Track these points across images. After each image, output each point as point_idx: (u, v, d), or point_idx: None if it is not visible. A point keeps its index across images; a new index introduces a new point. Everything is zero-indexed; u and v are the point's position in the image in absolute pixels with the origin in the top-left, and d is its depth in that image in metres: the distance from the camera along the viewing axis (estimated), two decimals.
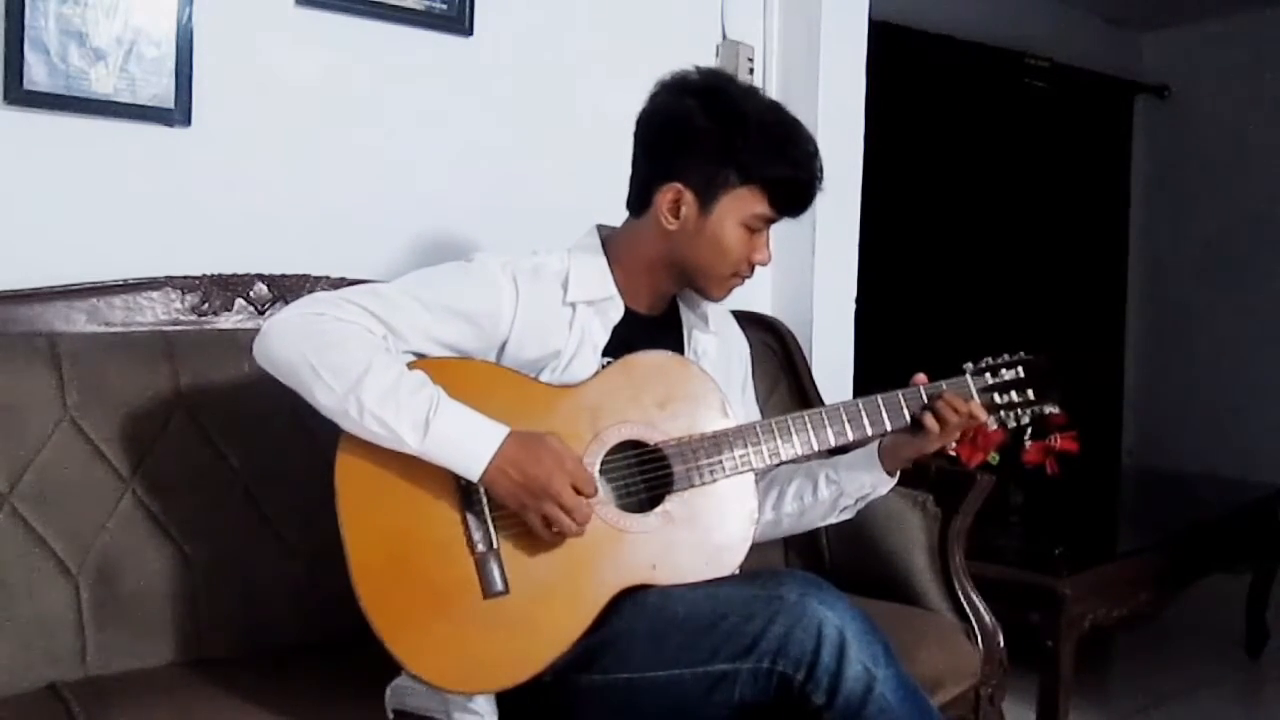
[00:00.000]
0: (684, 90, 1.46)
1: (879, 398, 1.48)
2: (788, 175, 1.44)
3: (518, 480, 1.28)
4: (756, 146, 1.41)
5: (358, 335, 1.31)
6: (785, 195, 1.45)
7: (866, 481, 1.56)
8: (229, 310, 1.76)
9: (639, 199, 1.49)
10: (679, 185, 1.43)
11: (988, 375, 1.53)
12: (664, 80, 1.48)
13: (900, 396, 1.48)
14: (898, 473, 1.57)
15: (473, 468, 1.28)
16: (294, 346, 1.30)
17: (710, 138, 1.42)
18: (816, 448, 1.45)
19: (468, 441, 1.28)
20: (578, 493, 1.29)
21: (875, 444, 1.56)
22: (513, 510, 1.30)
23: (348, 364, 1.28)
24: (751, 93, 1.52)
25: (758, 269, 1.51)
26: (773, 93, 2.45)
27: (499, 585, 1.30)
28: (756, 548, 1.46)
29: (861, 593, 1.77)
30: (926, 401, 1.48)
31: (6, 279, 1.60)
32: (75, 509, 1.51)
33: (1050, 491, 2.82)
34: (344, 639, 1.35)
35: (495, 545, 1.32)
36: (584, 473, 1.32)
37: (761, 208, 1.44)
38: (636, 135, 1.50)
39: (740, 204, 1.44)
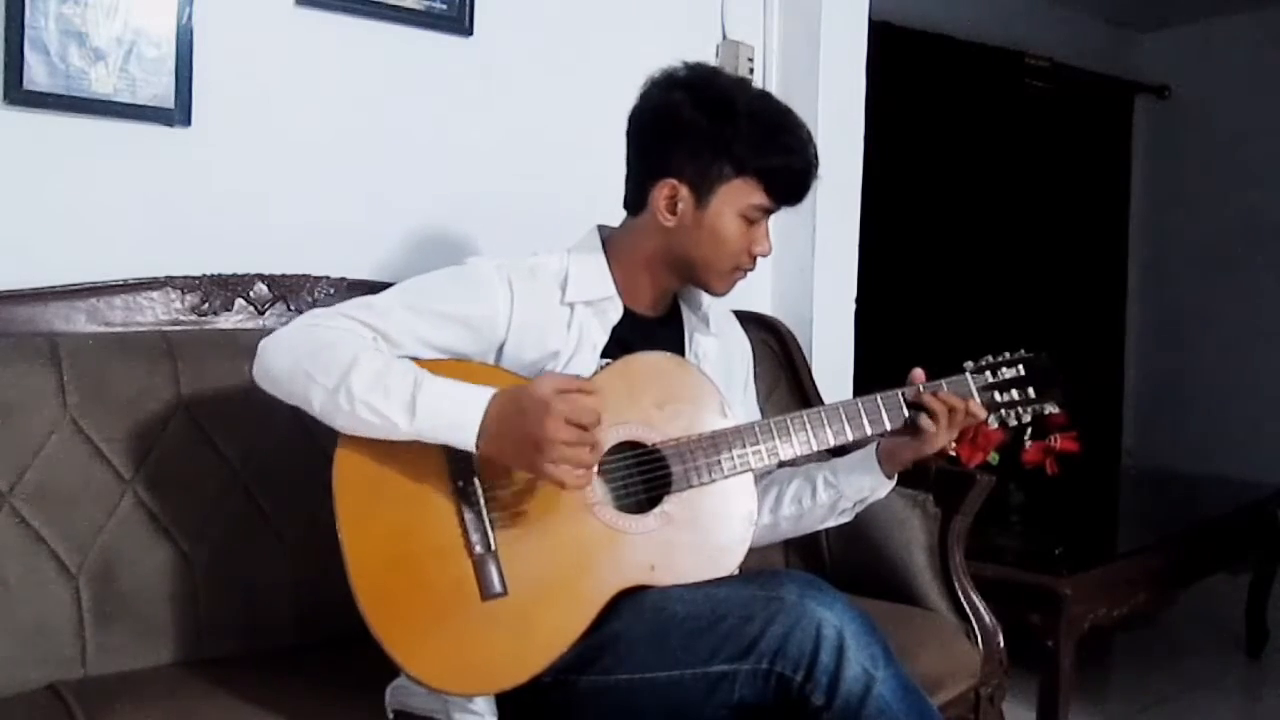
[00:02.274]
0: (672, 85, 1.45)
1: (878, 396, 1.48)
2: (782, 164, 1.43)
3: (514, 438, 1.24)
4: (749, 137, 1.41)
5: (348, 338, 1.32)
6: (781, 184, 1.44)
7: (865, 485, 1.56)
8: (229, 310, 1.76)
9: (635, 197, 1.49)
10: (674, 181, 1.43)
11: (988, 374, 1.52)
12: (652, 77, 1.48)
13: (900, 395, 1.48)
14: (896, 476, 1.57)
15: (466, 437, 1.25)
16: (288, 356, 1.32)
17: (701, 131, 1.41)
18: (815, 447, 1.45)
19: (455, 412, 1.26)
20: (575, 427, 1.23)
21: (873, 446, 1.55)
22: (524, 470, 1.27)
23: (336, 359, 1.28)
24: (741, 83, 1.52)
25: (760, 262, 1.50)
26: (773, 93, 2.45)
27: (497, 587, 1.30)
28: (756, 548, 1.46)
29: (861, 593, 1.77)
30: (924, 402, 1.47)
31: (6, 279, 1.60)
32: (75, 509, 1.51)
33: (1050, 491, 2.82)
34: (344, 639, 1.35)
35: (493, 547, 1.31)
36: (576, 402, 1.24)
37: (758, 198, 1.44)
38: (628, 133, 1.50)
39: (736, 195, 1.43)
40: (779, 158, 1.43)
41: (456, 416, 1.26)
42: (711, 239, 1.44)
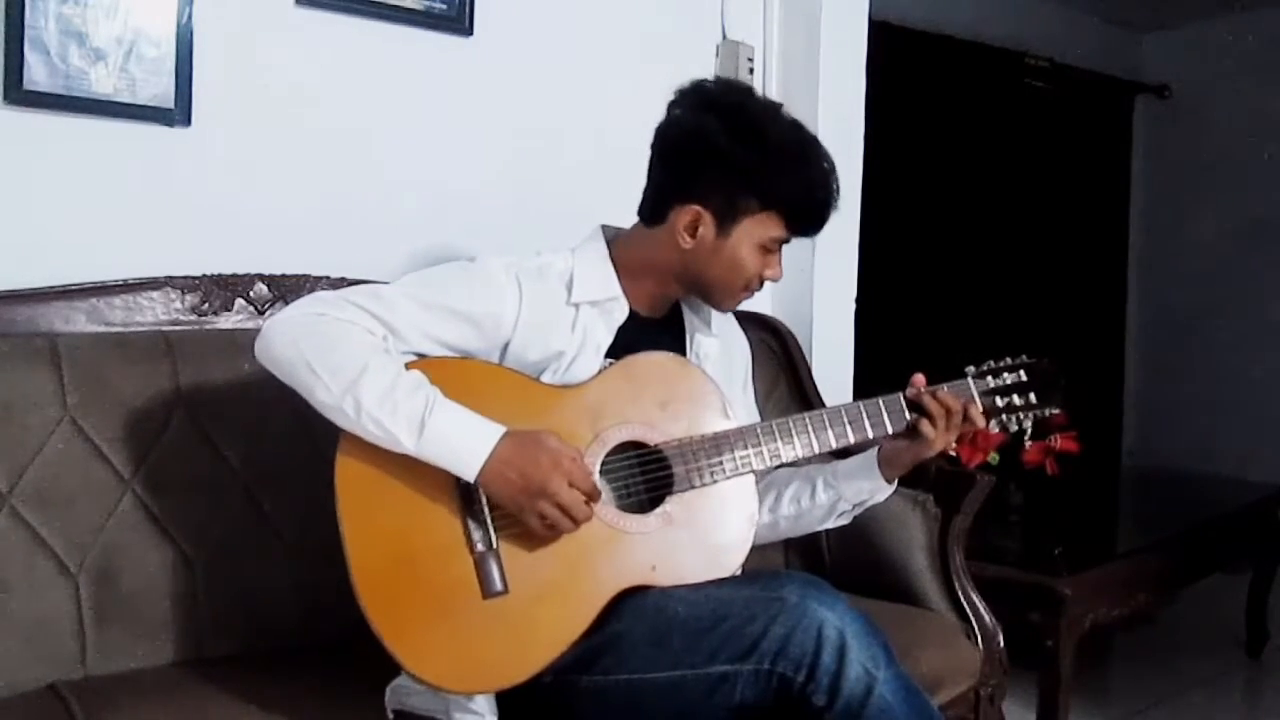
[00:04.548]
0: (705, 106, 1.45)
1: (879, 400, 1.48)
2: (807, 200, 1.44)
3: (515, 480, 1.27)
4: (780, 172, 1.41)
5: (357, 335, 1.31)
6: (804, 218, 1.46)
7: (865, 488, 1.56)
8: (229, 310, 1.76)
9: (654, 212, 1.48)
10: (698, 208, 1.43)
11: (989, 378, 1.51)
12: (683, 90, 1.47)
13: (901, 399, 1.48)
14: (896, 480, 1.57)
15: (468, 468, 1.27)
16: (294, 346, 1.31)
17: (733, 161, 1.41)
18: (817, 449, 1.45)
19: (463, 442, 1.28)
20: (576, 491, 1.29)
21: (874, 451, 1.55)
22: (510, 510, 1.30)
23: (346, 364, 1.28)
24: (773, 111, 1.49)
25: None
26: (772, 93, 2.45)
27: (498, 585, 1.30)
28: (756, 548, 1.46)
29: (861, 593, 1.77)
30: (921, 402, 1.47)
31: (6, 279, 1.60)
32: (75, 509, 1.51)
33: (1050, 491, 2.82)
34: (344, 639, 1.35)
35: (494, 545, 1.31)
36: (582, 470, 1.31)
37: (779, 231, 1.45)
38: (655, 147, 1.48)
39: (759, 227, 1.44)
40: (805, 194, 1.43)
41: (464, 448, 1.27)
42: (728, 265, 1.45)
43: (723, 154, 1.41)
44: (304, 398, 1.31)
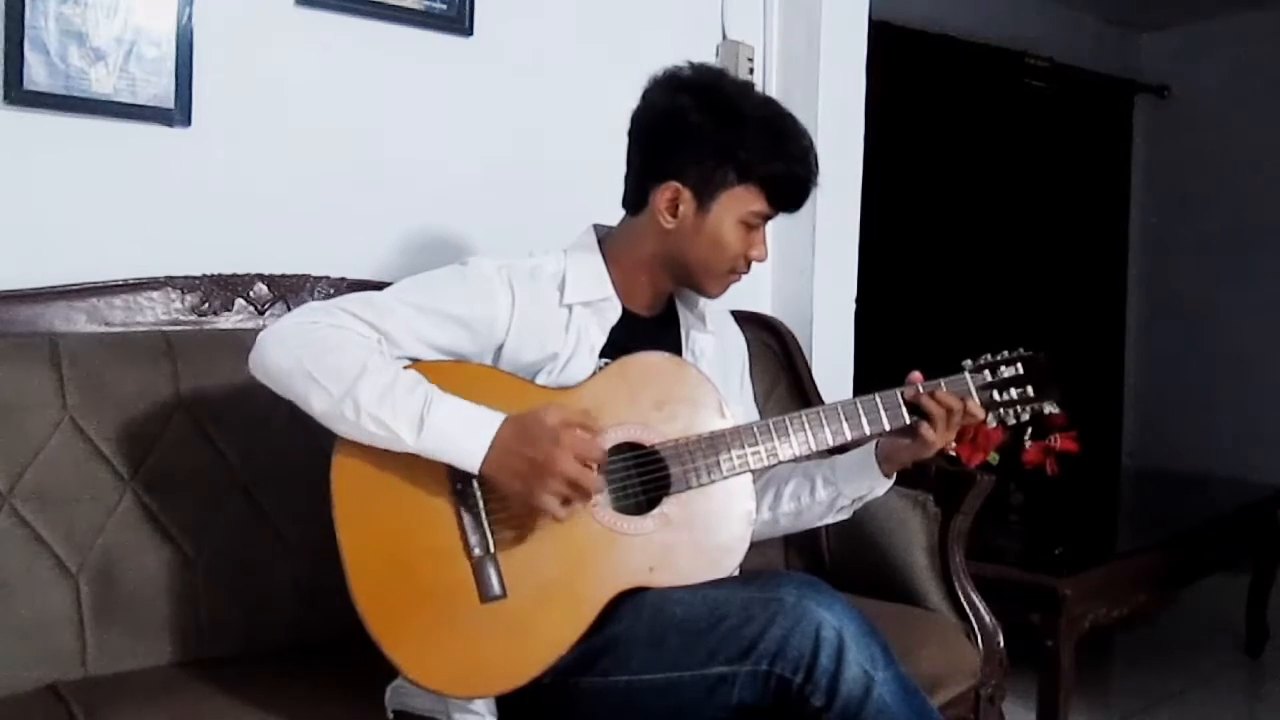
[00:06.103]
0: (678, 87, 1.45)
1: (876, 397, 1.47)
2: (785, 172, 1.44)
3: (518, 466, 1.26)
4: (754, 144, 1.41)
5: (353, 340, 1.31)
6: (783, 192, 1.45)
7: (864, 484, 1.56)
8: (229, 310, 1.76)
9: (635, 198, 1.49)
10: (676, 184, 1.43)
11: (986, 373, 1.51)
12: (656, 77, 1.48)
13: (898, 395, 1.47)
14: (895, 475, 1.57)
15: (471, 460, 1.27)
16: (290, 355, 1.30)
17: (707, 136, 1.41)
18: (814, 448, 1.45)
19: (464, 434, 1.27)
20: (583, 464, 1.27)
21: (872, 446, 1.55)
22: (522, 500, 1.28)
23: (343, 366, 1.28)
24: (746, 88, 1.51)
25: (755, 266, 1.50)
26: (773, 93, 2.45)
27: (496, 589, 1.30)
28: (756, 547, 1.46)
29: (861, 593, 1.77)
30: (921, 404, 1.47)
31: (6, 279, 1.61)
32: (75, 509, 1.51)
33: (1050, 491, 2.83)
34: (344, 639, 1.34)
35: (492, 549, 1.31)
36: (585, 441, 1.28)
37: (759, 205, 1.44)
38: (631, 133, 1.49)
39: (738, 202, 1.43)
40: (782, 166, 1.43)
41: (464, 439, 1.27)
42: (710, 243, 1.45)
43: (696, 129, 1.41)
44: (299, 407, 1.30)
